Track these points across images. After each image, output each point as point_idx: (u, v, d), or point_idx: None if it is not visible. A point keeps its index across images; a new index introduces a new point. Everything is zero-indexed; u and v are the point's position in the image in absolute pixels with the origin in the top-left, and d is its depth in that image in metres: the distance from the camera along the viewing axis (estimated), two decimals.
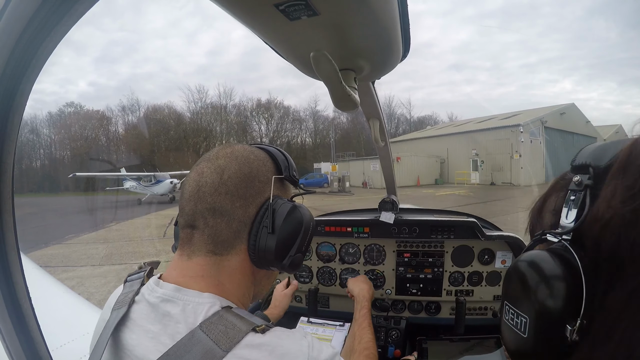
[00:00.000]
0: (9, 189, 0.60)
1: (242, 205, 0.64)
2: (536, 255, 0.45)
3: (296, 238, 0.69)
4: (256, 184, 0.66)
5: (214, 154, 0.68)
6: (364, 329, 1.27)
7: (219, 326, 0.55)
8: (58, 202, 28.52)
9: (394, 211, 1.81)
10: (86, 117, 54.31)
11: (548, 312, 0.41)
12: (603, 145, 0.48)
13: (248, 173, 0.66)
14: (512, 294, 0.47)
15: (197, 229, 0.64)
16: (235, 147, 0.70)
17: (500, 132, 29.48)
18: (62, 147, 53.06)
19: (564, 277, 0.41)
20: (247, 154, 0.68)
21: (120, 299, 0.66)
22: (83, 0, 0.47)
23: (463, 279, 1.79)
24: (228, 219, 0.63)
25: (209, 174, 0.64)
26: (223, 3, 0.52)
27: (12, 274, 0.64)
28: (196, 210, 0.64)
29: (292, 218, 0.67)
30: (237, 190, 0.64)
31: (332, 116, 59.36)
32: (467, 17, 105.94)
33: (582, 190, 0.45)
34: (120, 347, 0.60)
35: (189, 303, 0.59)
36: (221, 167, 0.65)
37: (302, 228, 0.69)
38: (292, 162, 0.74)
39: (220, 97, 59.18)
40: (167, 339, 0.56)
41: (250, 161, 0.67)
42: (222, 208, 0.63)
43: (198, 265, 0.63)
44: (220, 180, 0.64)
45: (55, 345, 1.39)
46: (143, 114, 55.75)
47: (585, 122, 32.61)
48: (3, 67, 0.50)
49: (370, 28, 0.61)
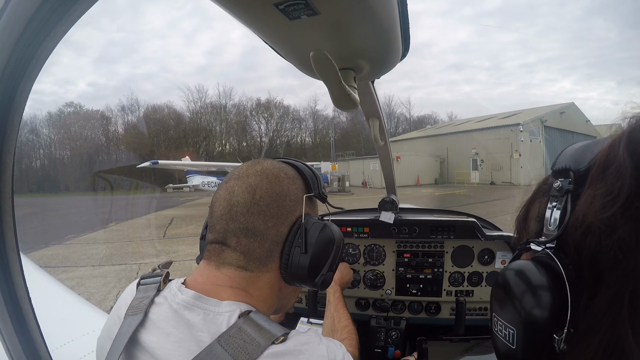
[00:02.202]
0: (9, 189, 0.60)
1: (274, 225, 0.65)
2: (521, 265, 0.44)
3: (328, 257, 0.70)
4: (287, 202, 0.66)
5: (244, 171, 0.68)
6: (339, 309, 1.35)
7: (237, 340, 0.54)
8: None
9: (393, 211, 1.81)
10: (86, 117, 54.34)
11: (534, 323, 0.41)
12: (583, 147, 0.47)
13: (280, 192, 0.66)
14: (499, 306, 0.47)
15: (228, 246, 0.64)
16: (264, 164, 0.69)
17: (500, 131, 29.51)
18: (62, 147, 53.09)
19: (548, 286, 0.41)
20: (277, 171, 0.68)
21: (135, 304, 0.64)
22: (82, 1, 0.47)
23: (463, 280, 1.79)
24: (261, 238, 0.64)
25: (240, 192, 0.64)
26: (223, 3, 0.52)
27: (12, 274, 0.64)
28: (228, 229, 0.64)
29: (324, 237, 0.68)
30: (269, 209, 0.64)
31: (331, 115, 59.48)
32: (466, 16, 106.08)
33: (563, 195, 0.44)
34: (137, 347, 0.59)
35: (209, 312, 0.58)
36: (252, 185, 0.65)
37: (334, 247, 0.70)
38: (321, 179, 0.75)
39: (219, 96, 59.27)
40: (194, 346, 0.55)
41: (280, 179, 0.67)
42: (255, 228, 0.63)
43: (227, 276, 0.63)
44: (252, 200, 0.63)
45: (55, 345, 1.39)
46: (142, 114, 55.78)
47: (585, 121, 32.62)
48: (3, 67, 0.50)
49: (370, 27, 0.61)
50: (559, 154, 0.49)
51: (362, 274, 1.86)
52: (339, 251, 0.73)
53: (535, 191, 0.55)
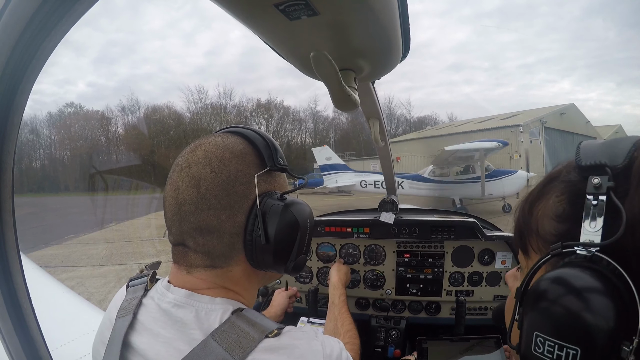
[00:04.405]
0: (9, 189, 0.60)
1: (229, 217, 0.59)
2: (574, 275, 0.39)
3: (294, 242, 0.63)
4: (238, 187, 0.59)
5: (186, 159, 0.61)
6: (343, 313, 1.34)
7: (231, 335, 0.53)
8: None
9: (394, 211, 1.81)
10: (86, 118, 54.29)
11: (604, 338, 0.36)
12: (607, 143, 0.45)
13: (227, 178, 0.59)
14: (551, 325, 0.40)
15: (189, 248, 0.61)
16: (206, 145, 0.62)
17: (500, 132, 29.41)
18: (62, 147, 53.11)
19: (613, 294, 0.37)
20: (222, 152, 0.60)
21: (124, 306, 0.64)
22: (82, 1, 0.47)
23: (463, 279, 1.79)
24: (218, 234, 0.59)
25: (185, 188, 0.59)
26: (223, 3, 0.52)
27: (12, 274, 0.64)
28: (182, 230, 0.60)
29: (286, 221, 0.60)
30: (218, 201, 0.58)
31: (331, 116, 59.37)
32: (465, 17, 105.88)
33: (604, 193, 0.40)
34: (129, 350, 0.59)
35: (202, 309, 0.57)
36: (196, 177, 0.58)
37: (298, 230, 0.63)
38: (277, 146, 0.65)
39: (220, 97, 59.17)
40: (184, 345, 0.54)
41: (226, 162, 0.60)
42: (208, 225, 0.58)
43: (200, 279, 0.61)
44: (199, 195, 0.58)
45: (55, 345, 1.39)
46: (143, 114, 55.81)
47: (585, 123, 32.60)
48: (3, 67, 0.50)
49: (370, 28, 0.61)
50: (580, 150, 0.45)
51: (362, 274, 1.87)
52: (307, 232, 0.65)
53: (544, 188, 0.49)
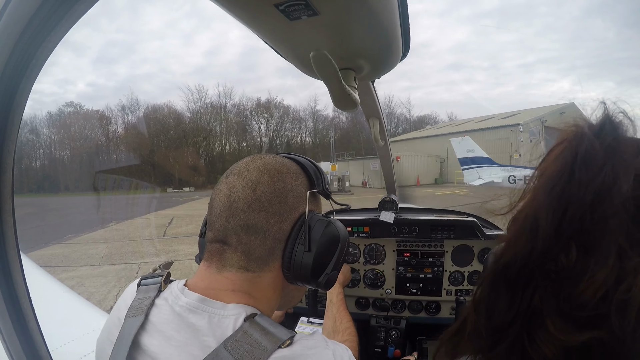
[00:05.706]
0: (9, 189, 0.60)
1: (276, 222, 0.62)
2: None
3: (333, 255, 0.67)
4: (290, 199, 0.64)
5: (245, 166, 0.65)
6: (341, 311, 1.35)
7: (244, 345, 0.53)
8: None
9: (393, 211, 1.81)
10: (86, 117, 54.31)
11: None
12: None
13: (282, 188, 0.63)
14: None
15: (229, 245, 0.62)
16: (266, 158, 0.67)
17: (500, 131, 29.51)
18: (62, 147, 53.08)
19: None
20: (280, 167, 0.66)
21: (135, 305, 0.63)
22: (82, 1, 0.47)
23: (463, 279, 1.79)
24: (262, 236, 0.61)
25: (241, 188, 0.62)
26: (223, 3, 0.52)
27: (12, 273, 0.64)
28: (228, 226, 0.61)
29: (329, 234, 0.66)
30: (271, 206, 0.62)
31: (331, 116, 59.47)
32: (464, 16, 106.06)
33: None
34: (138, 351, 0.58)
35: (214, 316, 0.57)
36: (253, 181, 0.62)
37: (338, 245, 0.68)
38: (324, 174, 0.72)
39: (219, 96, 59.27)
40: (197, 350, 0.54)
41: (283, 175, 0.65)
42: (256, 225, 0.61)
43: (228, 280, 0.61)
44: (254, 196, 0.61)
45: (55, 345, 1.39)
46: (142, 114, 55.77)
47: None
48: (3, 67, 0.50)
49: (370, 28, 0.61)
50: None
51: (362, 273, 1.87)
52: (344, 250, 0.70)
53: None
